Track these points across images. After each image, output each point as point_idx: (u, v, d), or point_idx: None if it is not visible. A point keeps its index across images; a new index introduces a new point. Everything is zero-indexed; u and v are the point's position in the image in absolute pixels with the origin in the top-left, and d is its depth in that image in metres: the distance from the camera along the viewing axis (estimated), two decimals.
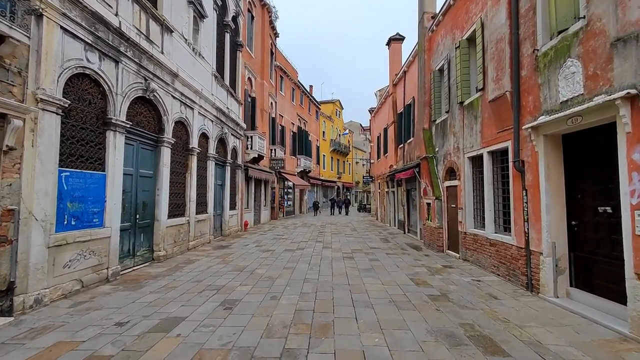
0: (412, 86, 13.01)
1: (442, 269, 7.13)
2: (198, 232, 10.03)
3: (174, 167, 8.76)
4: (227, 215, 12.85)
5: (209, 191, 11.03)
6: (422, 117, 10.68)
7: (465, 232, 7.83)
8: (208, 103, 10.68)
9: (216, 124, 11.59)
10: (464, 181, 7.92)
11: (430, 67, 10.42)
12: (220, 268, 7.12)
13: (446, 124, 9.05)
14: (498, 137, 6.40)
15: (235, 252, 9.15)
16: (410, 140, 13.03)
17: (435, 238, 9.34)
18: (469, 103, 7.66)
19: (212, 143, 11.19)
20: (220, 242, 10.96)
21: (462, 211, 7.93)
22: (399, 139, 15.27)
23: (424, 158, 10.24)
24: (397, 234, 13.55)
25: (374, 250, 9.41)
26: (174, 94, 8.40)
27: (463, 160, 7.94)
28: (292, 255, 8.66)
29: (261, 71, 18.39)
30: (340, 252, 9.19)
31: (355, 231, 14.65)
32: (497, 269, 6.42)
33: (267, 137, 19.54)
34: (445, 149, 9.10)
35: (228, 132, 12.88)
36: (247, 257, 8.32)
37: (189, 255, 8.64)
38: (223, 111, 12.08)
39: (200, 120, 10.22)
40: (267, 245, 10.43)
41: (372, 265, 7.43)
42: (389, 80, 16.70)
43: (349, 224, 18.14)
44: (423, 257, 8.44)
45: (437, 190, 9.34)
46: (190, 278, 6.26)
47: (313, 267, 7.23)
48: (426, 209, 10.13)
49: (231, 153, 13.51)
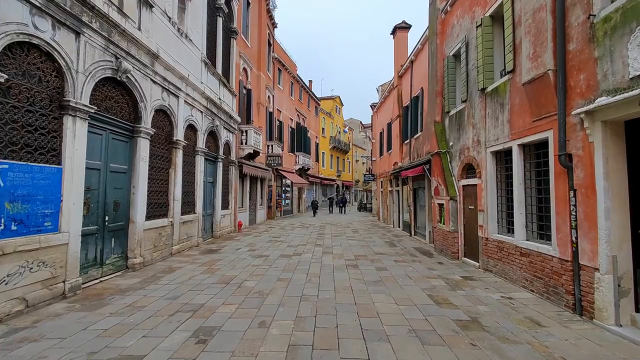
0: (420, 76, 11.98)
1: (462, 281, 6.12)
2: (184, 235, 8.99)
3: (155, 162, 7.71)
4: (218, 215, 11.81)
5: (197, 189, 9.98)
6: (433, 108, 9.65)
7: (486, 238, 6.81)
8: (196, 92, 9.62)
9: (206, 116, 10.54)
10: (485, 180, 6.90)
11: (443, 52, 9.38)
12: (204, 279, 6.08)
13: (463, 115, 8.02)
14: (534, 126, 5.37)
15: (225, 257, 8.11)
16: (418, 135, 12.00)
17: (449, 243, 8.32)
18: (494, 89, 6.63)
19: (201, 136, 10.14)
20: (210, 246, 9.93)
21: (483, 214, 6.92)
22: (404, 134, 14.24)
23: (435, 154, 9.21)
24: (402, 237, 12.54)
25: (381, 257, 8.39)
26: (153, 77, 7.34)
27: (484, 156, 6.92)
28: (288, 262, 7.64)
29: (258, 62, 17.31)
30: (343, 258, 8.17)
31: (357, 233, 13.63)
32: (531, 283, 5.41)
33: (264, 133, 18.48)
34: (461, 144, 8.08)
35: (220, 125, 11.82)
36: (236, 265, 7.28)
37: (171, 261, 7.60)
38: (214, 102, 11.02)
39: (187, 110, 9.17)
40: (261, 249, 9.40)
41: (381, 276, 6.41)
42: (394, 72, 15.66)
43: (349, 225, 17.13)
44: (437, 266, 7.43)
45: (451, 190, 8.32)
46: (165, 293, 5.22)
47: (312, 278, 6.21)
48: (438, 210, 9.11)
49: (223, 148, 12.46)
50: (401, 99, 14.86)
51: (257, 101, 17.16)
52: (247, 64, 15.52)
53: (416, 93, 12.44)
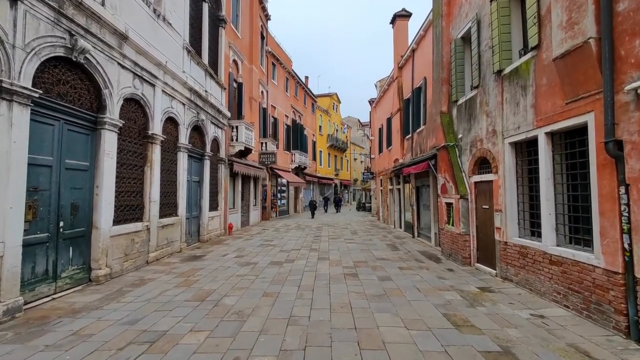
0: (422, 65, 11.09)
1: (480, 294, 5.23)
2: (163, 240, 8.06)
3: (126, 158, 6.78)
4: (205, 217, 10.88)
5: (180, 189, 9.05)
6: (439, 98, 8.76)
7: (505, 243, 5.93)
8: (177, 81, 8.69)
9: (190, 108, 9.60)
10: (503, 175, 6.01)
11: (449, 36, 8.49)
12: (176, 294, 5.16)
13: (474, 102, 7.13)
14: (567, 109, 4.49)
15: (207, 266, 7.19)
16: (421, 129, 11.11)
17: (460, 247, 7.43)
18: (513, 71, 5.74)
19: (183, 131, 9.21)
20: (194, 251, 9.00)
21: (501, 215, 6.03)
22: (405, 129, 13.35)
23: (442, 148, 8.33)
24: (405, 239, 11.65)
25: (383, 263, 7.49)
26: (121, 61, 6.41)
27: (502, 148, 6.03)
28: (278, 271, 6.72)
29: (249, 54, 16.36)
30: (341, 265, 7.27)
31: (356, 235, 12.73)
32: (565, 298, 4.53)
33: (257, 129, 17.56)
34: (472, 135, 7.19)
35: (206, 120, 10.89)
36: (218, 275, 6.36)
37: (145, 271, 6.68)
38: (199, 94, 10.08)
39: (166, 101, 8.23)
40: (250, 255, 8.48)
41: (385, 288, 5.51)
42: (394, 63, 14.77)
43: (348, 226, 16.23)
44: (447, 274, 6.53)
45: (461, 187, 7.43)
46: (124, 315, 4.30)
47: (304, 292, 5.29)
48: (446, 210, 8.22)
49: (211, 144, 11.52)
50: (401, 91, 13.97)
51: (250, 96, 16.23)
52: (237, 55, 14.58)
53: (418, 84, 11.55)
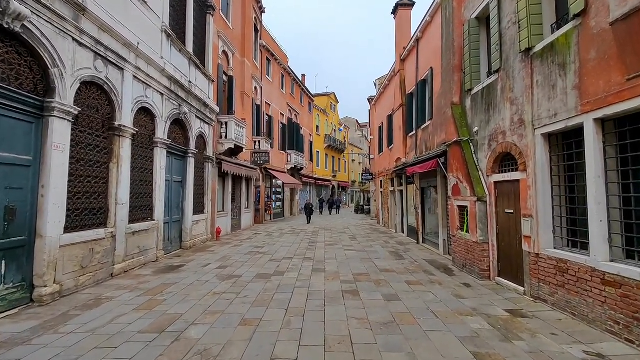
0: (428, 55, 10.11)
1: (511, 320, 4.21)
2: (134, 249, 7.00)
3: (84, 153, 5.73)
4: (189, 221, 9.82)
5: (156, 190, 7.99)
6: (449, 88, 7.78)
7: (536, 255, 4.92)
8: (153, 67, 7.65)
9: (169, 99, 8.56)
10: (533, 173, 5.01)
11: (461, 17, 7.52)
12: (131, 322, 4.11)
13: (494, 90, 6.15)
14: (628, 87, 3.49)
15: (182, 280, 6.14)
16: (427, 125, 10.13)
17: (476, 257, 6.42)
18: (547, 47, 4.75)
19: (161, 124, 8.16)
20: (173, 261, 7.94)
21: (531, 221, 5.02)
22: (408, 125, 12.37)
23: (453, 143, 7.33)
24: (408, 245, 10.63)
25: (387, 276, 6.46)
26: (77, 37, 5.36)
27: (532, 140, 5.04)
28: (264, 287, 5.68)
29: (241, 47, 15.35)
30: (338, 279, 6.23)
31: (355, 240, 11.70)
32: (627, 330, 3.51)
33: (250, 127, 16.52)
34: (492, 127, 6.19)
35: (190, 113, 9.85)
36: (192, 294, 5.31)
37: (106, 287, 5.61)
38: (181, 84, 9.05)
39: (138, 89, 7.18)
40: (234, 265, 7.43)
41: (393, 312, 4.47)
42: (395, 56, 13.79)
43: (346, 230, 15.20)
44: (465, 291, 5.52)
45: (478, 188, 6.43)
46: (51, 357, 3.24)
47: (292, 319, 4.25)
48: (458, 214, 7.22)
49: (196, 141, 10.48)
50: (404, 85, 12.99)
51: (242, 91, 15.20)
52: (228, 46, 13.56)
53: (423, 76, 10.57)
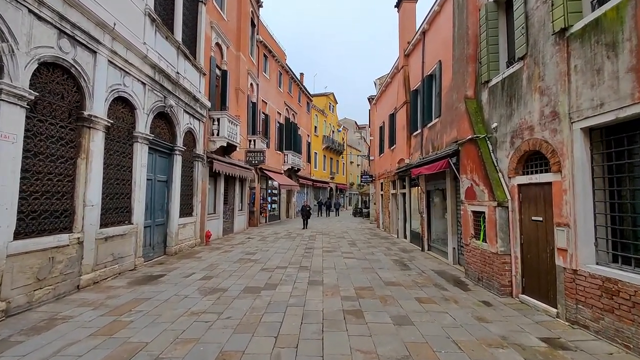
0: (436, 47, 9.38)
1: (552, 354, 3.42)
2: (106, 256, 6.17)
3: (43, 146, 4.91)
4: (174, 224, 8.99)
5: (136, 190, 7.17)
6: (462, 81, 7.04)
7: (574, 271, 4.15)
8: (133, 53, 6.86)
9: (153, 90, 7.75)
10: (570, 174, 4.25)
11: (476, 2, 6.78)
12: (80, 356, 3.28)
13: (517, 79, 5.40)
14: None
15: (158, 294, 5.32)
16: (434, 123, 9.38)
17: (495, 271, 5.64)
18: (589, 25, 4.01)
19: (142, 116, 7.35)
20: (153, 269, 7.11)
21: (567, 231, 4.26)
22: (412, 124, 11.62)
23: (467, 142, 6.58)
24: (413, 252, 9.85)
25: (394, 291, 5.67)
26: (36, 8, 4.56)
27: (569, 136, 4.28)
28: (251, 305, 4.87)
29: (237, 40, 14.58)
30: (338, 294, 5.43)
31: (354, 246, 10.90)
32: None
33: (245, 125, 15.72)
34: (515, 122, 5.44)
35: (177, 107, 9.04)
36: (164, 313, 4.49)
37: (66, 303, 4.79)
38: (167, 74, 8.25)
39: (115, 76, 6.38)
40: (221, 275, 6.61)
41: (406, 342, 3.68)
42: (399, 51, 13.06)
43: (345, 235, 14.39)
44: (486, 311, 4.73)
45: (497, 192, 5.66)
46: None
47: (283, 351, 3.44)
48: (473, 220, 6.45)
49: (185, 137, 9.67)
50: (408, 82, 12.25)
51: (236, 87, 14.41)
52: (221, 39, 12.77)
53: (430, 70, 9.84)
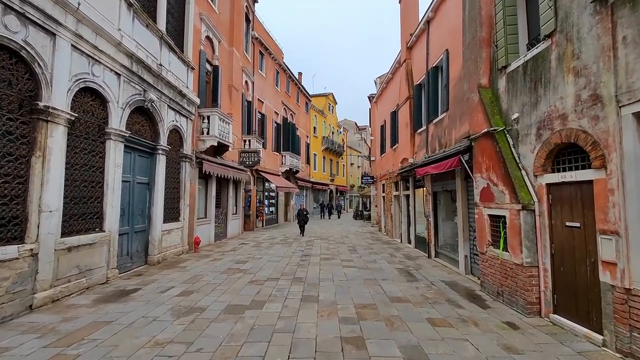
0: (443, 36, 8.62)
1: None
2: (70, 270, 5.37)
3: None
4: (157, 231, 8.19)
5: (108, 193, 6.39)
6: (475, 68, 6.26)
7: (627, 290, 3.34)
8: (104, 39, 6.09)
9: (129, 82, 6.98)
10: (619, 171, 3.45)
11: None
12: None
13: (544, 61, 4.61)
14: None
15: (122, 317, 4.51)
16: (441, 118, 8.59)
17: (520, 285, 4.83)
18: None
19: (117, 111, 6.57)
20: (128, 282, 6.30)
21: (617, 240, 3.45)
22: (416, 120, 10.84)
23: (482, 136, 5.79)
24: (418, 259, 9.03)
25: (401, 309, 4.86)
26: None
27: (616, 123, 3.49)
28: (230, 331, 4.06)
29: (230, 34, 13.84)
30: (336, 316, 4.61)
31: (355, 253, 10.09)
32: None
33: (240, 124, 14.99)
34: (542, 111, 4.64)
35: (160, 102, 8.27)
36: (122, 344, 3.68)
37: (9, 328, 3.98)
38: (147, 66, 7.48)
39: (80, 63, 5.61)
40: (203, 289, 5.80)
41: None
42: (401, 45, 12.30)
43: (345, 239, 13.58)
44: (514, 337, 3.92)
45: (522, 192, 4.85)
46: None
47: None
48: (489, 225, 5.64)
49: (169, 136, 8.90)
50: (411, 76, 11.48)
51: (229, 83, 13.65)
52: (212, 32, 12.02)
53: (436, 61, 9.07)
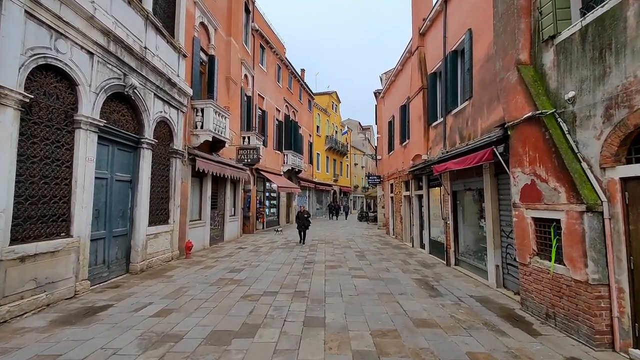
0: (464, 14, 7.60)
1: None
2: (24, 284, 4.40)
3: None
4: (141, 235, 7.22)
5: (78, 191, 5.43)
6: (512, 42, 5.24)
7: None
8: (72, 10, 5.14)
9: (105, 63, 6.03)
10: None
11: None
12: None
13: (615, 22, 3.58)
14: None
15: (73, 349, 3.53)
16: (462, 107, 7.57)
17: (581, 308, 3.79)
18: None
19: (89, 96, 5.62)
20: (99, 296, 5.33)
21: None
22: (431, 113, 9.82)
23: (525, 121, 4.77)
24: (436, 267, 8.00)
25: (430, 337, 3.84)
26: None
27: None
28: None
29: (227, 23, 12.90)
30: (348, 349, 3.59)
31: (364, 259, 9.06)
32: None
33: (239, 120, 14.06)
34: (613, 86, 3.62)
35: (145, 90, 7.32)
36: None
37: None
38: (128, 47, 6.54)
39: (39, 35, 4.66)
40: (185, 307, 4.82)
41: None
42: (412, 31, 11.29)
43: (351, 243, 12.55)
44: None
45: (584, 190, 3.82)
46: None
47: None
48: (533, 231, 4.61)
49: (155, 128, 7.95)
50: (424, 64, 10.46)
51: (227, 75, 12.71)
52: (207, 18, 11.09)
53: (455, 44, 8.05)
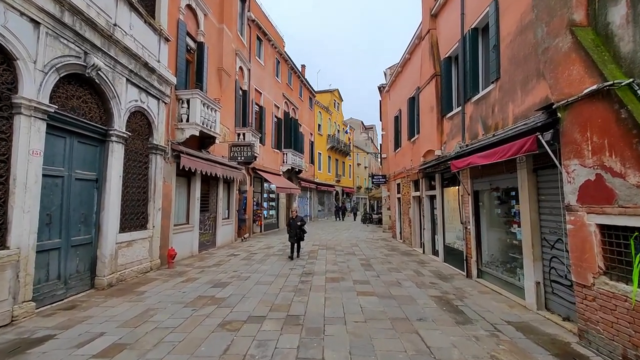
0: None
1: None
2: None
3: None
4: (110, 243, 6.13)
5: (16, 192, 4.35)
6: (562, 0, 4.12)
7: None
8: None
9: (57, 37, 4.96)
10: None
11: None
12: None
13: None
14: None
15: None
16: (487, 92, 6.44)
17: None
18: None
19: (32, 74, 4.54)
20: (41, 323, 4.24)
21: None
22: (446, 102, 8.68)
23: (586, 98, 3.64)
24: (455, 279, 6.86)
25: None
26: None
27: None
28: None
29: (219, 9, 11.84)
30: None
31: (371, 269, 7.93)
32: None
33: (233, 116, 12.99)
34: None
35: (115, 73, 6.24)
36: None
37: None
38: (91, 21, 5.47)
39: None
40: (141, 342, 3.71)
41: None
42: (422, 15, 10.15)
43: (355, 249, 11.41)
44: None
45: None
46: None
47: None
48: (599, 243, 3.47)
49: (129, 119, 6.87)
50: (437, 49, 9.33)
51: (218, 66, 11.63)
52: (196, 1, 10.03)
53: (476, 20, 6.93)
